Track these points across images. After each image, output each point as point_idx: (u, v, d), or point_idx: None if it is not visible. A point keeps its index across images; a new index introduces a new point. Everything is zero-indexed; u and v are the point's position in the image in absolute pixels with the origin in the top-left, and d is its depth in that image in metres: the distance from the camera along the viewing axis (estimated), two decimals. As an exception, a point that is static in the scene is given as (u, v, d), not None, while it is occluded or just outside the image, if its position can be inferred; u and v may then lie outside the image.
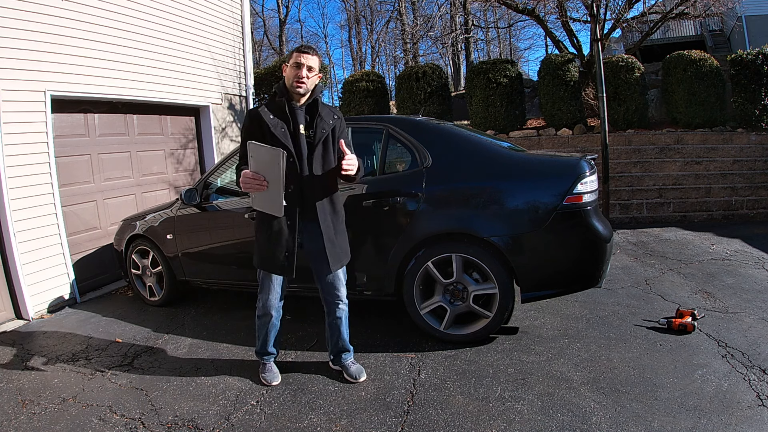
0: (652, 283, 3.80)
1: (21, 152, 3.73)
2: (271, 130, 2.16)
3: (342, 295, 2.44)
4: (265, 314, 2.43)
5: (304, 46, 2.24)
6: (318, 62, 2.24)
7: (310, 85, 2.23)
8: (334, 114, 2.33)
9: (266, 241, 2.26)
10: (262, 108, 2.22)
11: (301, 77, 2.18)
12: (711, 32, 12.49)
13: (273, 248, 2.24)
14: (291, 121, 2.20)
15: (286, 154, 1.95)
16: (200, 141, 5.97)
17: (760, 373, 2.35)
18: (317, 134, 2.23)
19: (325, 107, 2.31)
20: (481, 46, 21.86)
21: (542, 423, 2.06)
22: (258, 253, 2.34)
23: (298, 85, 2.19)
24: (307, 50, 2.21)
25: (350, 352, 2.58)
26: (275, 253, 2.24)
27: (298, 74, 2.18)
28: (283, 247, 2.23)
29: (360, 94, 7.29)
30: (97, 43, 4.35)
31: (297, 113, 2.23)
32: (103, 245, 4.63)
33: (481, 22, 16.41)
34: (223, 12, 6.13)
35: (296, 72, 2.18)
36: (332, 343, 2.55)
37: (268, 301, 2.38)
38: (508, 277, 2.69)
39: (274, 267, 2.27)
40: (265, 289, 2.38)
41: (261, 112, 2.20)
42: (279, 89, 2.27)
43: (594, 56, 6.09)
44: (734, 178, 6.27)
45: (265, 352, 2.56)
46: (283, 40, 21.04)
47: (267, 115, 2.19)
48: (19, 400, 2.50)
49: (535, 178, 2.74)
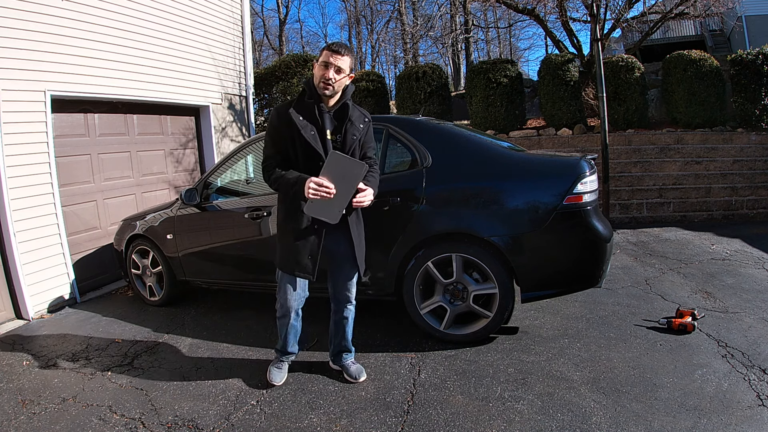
0: (652, 283, 3.80)
1: (21, 152, 3.73)
2: (301, 132, 2.09)
3: (353, 296, 2.46)
4: (284, 315, 2.40)
5: (336, 44, 2.10)
6: (349, 63, 2.11)
7: (337, 87, 2.12)
8: (364, 117, 2.27)
9: (291, 244, 2.22)
10: (291, 110, 2.12)
11: (328, 78, 2.06)
12: (711, 32, 12.48)
13: (298, 251, 2.20)
14: (320, 125, 2.13)
15: (367, 168, 2.00)
16: (200, 141, 5.97)
17: (760, 373, 2.35)
18: (347, 141, 2.17)
19: (355, 110, 2.23)
20: (481, 46, 21.88)
21: (542, 423, 2.06)
22: (282, 255, 2.29)
23: (325, 87, 2.09)
24: (338, 49, 2.07)
25: (351, 352, 2.59)
26: (300, 256, 2.21)
27: (325, 75, 2.06)
28: (308, 250, 2.20)
29: (360, 94, 7.29)
30: (97, 43, 4.35)
31: (325, 117, 2.15)
32: (103, 245, 4.63)
33: (481, 22, 16.41)
34: (223, 12, 6.13)
35: (323, 72, 2.06)
36: (335, 342, 2.55)
37: (287, 302, 2.35)
38: (508, 277, 2.69)
39: (299, 269, 2.24)
40: (283, 290, 2.35)
41: (291, 112, 2.11)
42: (308, 87, 2.16)
43: (594, 56, 6.09)
44: (734, 178, 6.26)
45: (285, 351, 2.54)
46: (283, 40, 21.05)
47: (297, 117, 2.10)
48: (19, 400, 2.50)
49: (535, 178, 2.74)
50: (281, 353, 2.56)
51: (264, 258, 3.19)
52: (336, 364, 2.59)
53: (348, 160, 1.99)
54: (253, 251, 3.29)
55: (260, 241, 3.19)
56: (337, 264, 2.38)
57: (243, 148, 3.42)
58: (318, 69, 2.09)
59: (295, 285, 2.33)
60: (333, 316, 2.52)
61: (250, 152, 3.44)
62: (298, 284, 2.34)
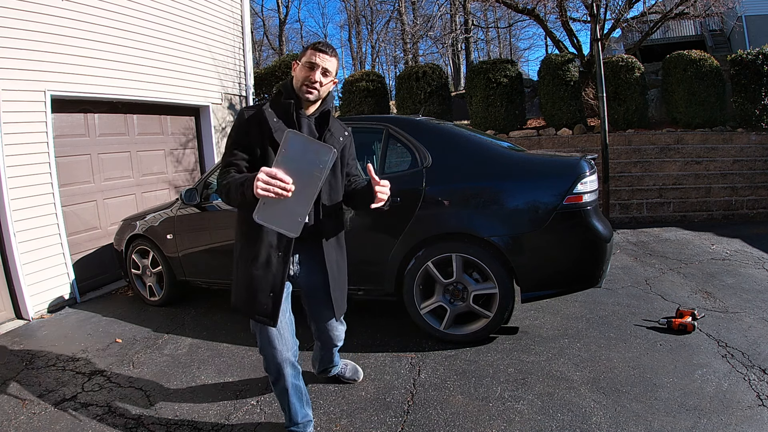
0: (652, 283, 3.80)
1: (21, 152, 3.74)
2: (273, 135, 1.69)
3: (340, 337, 2.16)
4: (277, 377, 1.84)
5: (322, 44, 1.76)
6: (336, 65, 1.77)
7: (323, 92, 1.78)
8: (344, 130, 1.90)
9: (245, 276, 1.74)
10: (266, 108, 1.76)
11: (313, 81, 1.72)
12: (711, 32, 12.48)
13: (255, 286, 1.72)
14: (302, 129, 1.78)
15: (336, 154, 1.48)
16: (200, 141, 5.97)
17: (760, 373, 2.35)
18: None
19: (335, 121, 1.89)
20: (481, 46, 21.87)
21: (542, 423, 2.06)
22: (236, 292, 1.79)
23: (309, 90, 1.73)
24: (325, 49, 1.74)
25: (337, 365, 2.46)
26: (257, 293, 1.72)
27: (310, 77, 1.72)
28: (269, 286, 1.71)
29: (360, 94, 7.29)
30: (97, 43, 4.35)
31: (304, 123, 1.79)
32: (103, 245, 4.63)
33: (481, 22, 16.40)
34: (223, 12, 6.13)
35: (308, 74, 1.72)
36: (320, 363, 2.42)
37: (275, 356, 1.80)
38: (508, 277, 2.69)
39: (253, 310, 1.75)
40: (265, 341, 1.80)
41: (266, 112, 1.74)
42: (285, 89, 1.79)
43: (594, 56, 6.09)
44: (734, 178, 6.27)
45: (295, 423, 1.94)
46: (283, 40, 21.05)
47: (271, 117, 1.73)
48: (19, 399, 2.50)
49: (535, 178, 2.74)
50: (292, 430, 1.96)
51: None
52: (323, 376, 2.48)
53: (310, 142, 1.47)
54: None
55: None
56: (314, 301, 1.98)
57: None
58: (301, 70, 1.74)
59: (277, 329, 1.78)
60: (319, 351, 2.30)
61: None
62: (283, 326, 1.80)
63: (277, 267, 1.71)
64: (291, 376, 1.86)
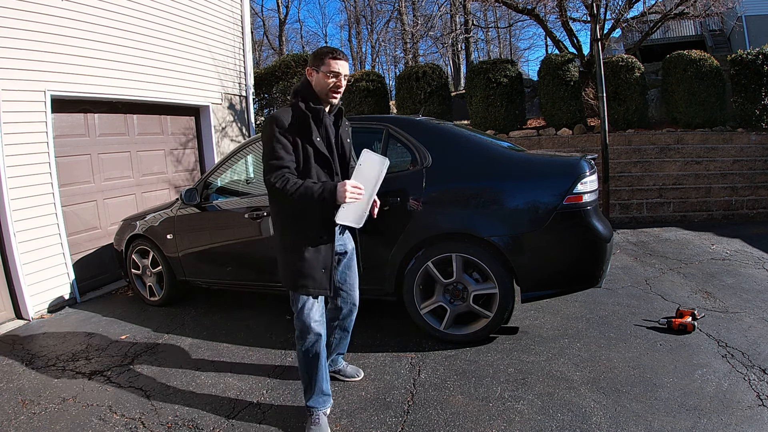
0: (652, 283, 3.80)
1: (21, 152, 3.74)
2: (312, 137, 1.98)
3: (358, 298, 2.38)
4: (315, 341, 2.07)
5: (337, 51, 2.03)
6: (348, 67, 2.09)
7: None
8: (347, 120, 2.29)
9: (299, 260, 2.01)
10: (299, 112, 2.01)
11: (339, 87, 2.02)
12: (711, 32, 12.49)
13: (312, 266, 2.01)
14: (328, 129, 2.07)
15: (388, 162, 1.90)
16: (200, 141, 5.97)
17: (760, 373, 2.35)
18: (345, 145, 2.15)
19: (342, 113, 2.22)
20: (481, 46, 21.87)
21: (542, 423, 2.06)
22: (293, 273, 2.03)
23: (335, 96, 2.03)
24: (343, 57, 2.03)
25: (343, 354, 2.55)
26: (314, 271, 2.01)
27: (336, 84, 2.00)
28: (321, 263, 2.02)
29: (360, 93, 7.29)
30: (97, 43, 4.35)
31: (327, 121, 2.08)
32: (103, 245, 4.63)
33: (481, 22, 16.41)
34: (223, 12, 6.13)
35: (336, 81, 2.00)
36: (335, 345, 2.45)
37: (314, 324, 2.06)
38: (508, 276, 2.69)
39: (314, 285, 2.02)
40: (308, 310, 2.07)
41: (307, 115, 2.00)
42: (308, 94, 2.03)
43: (594, 56, 6.09)
44: (734, 178, 6.26)
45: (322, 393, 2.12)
46: (283, 40, 21.05)
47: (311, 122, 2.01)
48: (19, 400, 2.50)
49: (535, 178, 2.74)
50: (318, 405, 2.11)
51: (264, 258, 3.19)
52: (331, 369, 2.50)
53: (378, 158, 1.91)
54: (253, 251, 3.29)
55: (260, 241, 3.19)
56: (344, 265, 2.28)
57: (243, 148, 3.42)
58: (325, 78, 1.99)
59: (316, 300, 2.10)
60: (340, 322, 2.37)
61: (250, 152, 3.44)
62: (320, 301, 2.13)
63: (326, 249, 2.04)
64: (323, 344, 2.10)
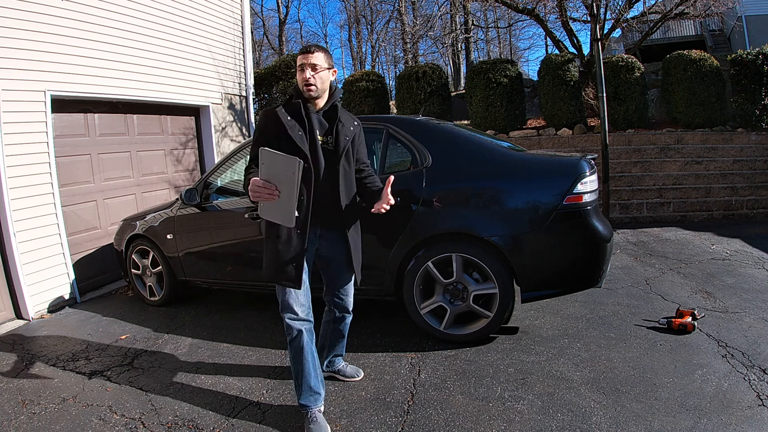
0: (652, 283, 3.80)
1: (21, 152, 3.74)
2: (288, 132, 2.00)
3: (351, 304, 2.35)
4: (297, 335, 2.07)
5: (305, 46, 2.10)
6: (323, 58, 2.06)
7: (320, 84, 2.06)
8: (354, 121, 2.20)
9: (273, 251, 2.07)
10: (279, 108, 2.07)
11: (306, 78, 2.02)
12: (711, 32, 12.49)
13: (281, 258, 2.05)
14: (307, 126, 2.05)
15: (302, 162, 1.76)
16: (200, 141, 5.97)
17: (760, 373, 2.35)
18: (339, 142, 2.09)
19: (344, 113, 2.17)
20: (481, 46, 21.86)
21: (542, 423, 2.06)
22: (265, 263, 2.12)
23: (308, 89, 2.04)
24: (306, 49, 2.06)
25: (342, 355, 2.54)
26: (283, 264, 2.05)
27: (303, 77, 2.03)
28: (290, 257, 2.04)
29: (360, 94, 7.29)
30: (97, 43, 4.35)
31: (312, 118, 2.07)
32: (103, 245, 4.63)
33: (481, 22, 16.40)
34: (223, 12, 6.13)
35: (301, 75, 2.04)
36: (329, 348, 2.46)
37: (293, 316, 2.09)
38: (508, 276, 2.69)
39: (283, 277, 2.06)
40: (286, 304, 2.10)
41: (278, 112, 2.05)
42: (294, 91, 2.12)
43: (594, 56, 6.09)
44: (734, 177, 6.27)
45: (311, 392, 2.10)
46: (283, 40, 21.05)
47: (284, 117, 2.03)
48: (19, 399, 2.50)
49: (535, 177, 2.74)
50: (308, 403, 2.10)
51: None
52: (329, 369, 2.52)
53: (279, 156, 1.79)
54: (253, 251, 3.29)
55: (260, 242, 3.17)
56: (334, 269, 2.26)
57: (243, 147, 3.42)
58: (298, 74, 2.07)
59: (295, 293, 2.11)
60: (331, 324, 2.39)
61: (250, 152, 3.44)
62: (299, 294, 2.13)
63: (297, 242, 2.05)
64: (306, 339, 2.09)
